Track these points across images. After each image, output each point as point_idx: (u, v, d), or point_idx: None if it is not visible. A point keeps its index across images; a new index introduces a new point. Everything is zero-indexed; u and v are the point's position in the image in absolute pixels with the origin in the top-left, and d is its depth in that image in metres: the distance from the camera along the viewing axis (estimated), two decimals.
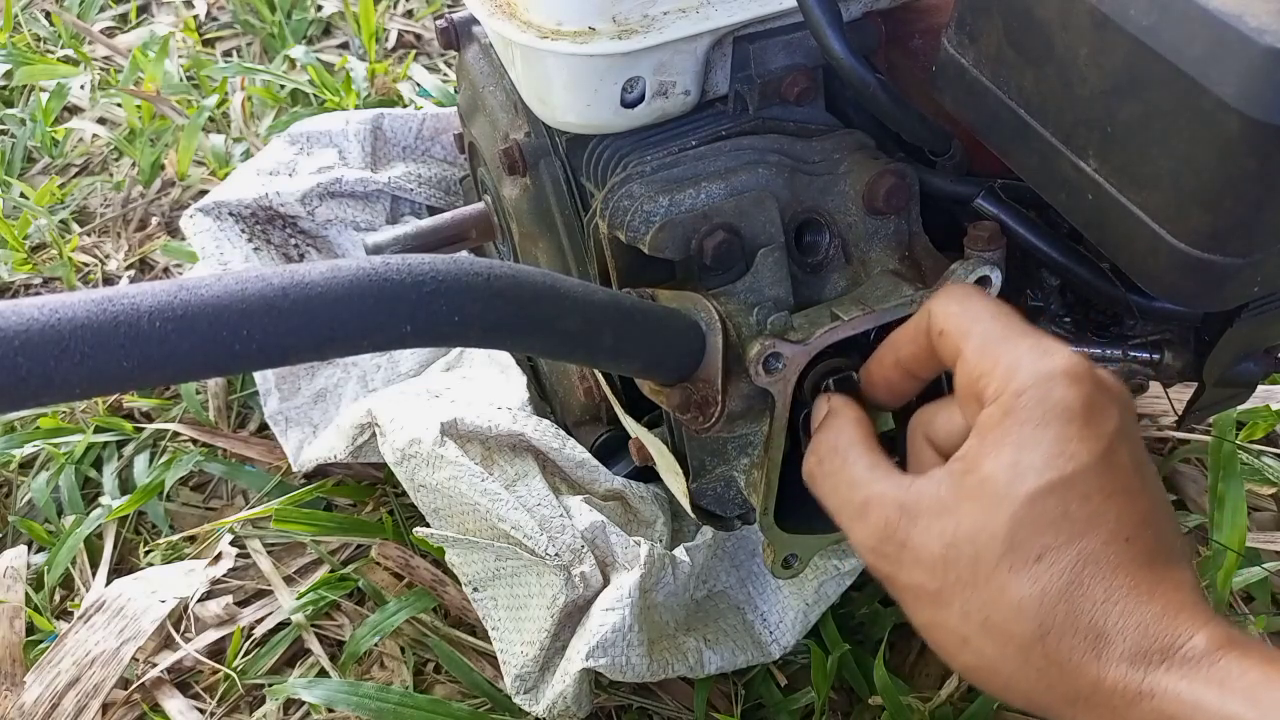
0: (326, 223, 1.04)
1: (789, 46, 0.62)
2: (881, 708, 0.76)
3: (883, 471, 0.47)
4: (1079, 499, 0.41)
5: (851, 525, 0.47)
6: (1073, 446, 0.41)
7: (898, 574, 0.45)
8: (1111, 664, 0.39)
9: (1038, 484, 0.41)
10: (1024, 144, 0.51)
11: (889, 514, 0.45)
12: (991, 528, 0.41)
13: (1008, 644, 0.41)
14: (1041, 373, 0.42)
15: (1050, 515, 0.41)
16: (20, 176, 1.31)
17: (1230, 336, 0.59)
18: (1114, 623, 0.39)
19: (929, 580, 0.43)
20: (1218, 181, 0.42)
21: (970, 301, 0.47)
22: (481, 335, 0.45)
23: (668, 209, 0.57)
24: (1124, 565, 0.40)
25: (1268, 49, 0.38)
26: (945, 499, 0.43)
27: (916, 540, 0.44)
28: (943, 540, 0.43)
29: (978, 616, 0.42)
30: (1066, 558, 0.40)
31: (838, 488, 0.49)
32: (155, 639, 0.84)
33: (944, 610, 0.43)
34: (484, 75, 0.77)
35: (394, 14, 1.53)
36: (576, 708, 0.72)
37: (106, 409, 1.02)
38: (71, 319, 0.36)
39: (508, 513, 0.74)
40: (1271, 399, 0.94)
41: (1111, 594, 0.40)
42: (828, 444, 0.50)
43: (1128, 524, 0.41)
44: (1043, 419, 0.41)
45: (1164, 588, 0.40)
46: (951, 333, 0.46)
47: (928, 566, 0.43)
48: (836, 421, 0.51)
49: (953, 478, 0.43)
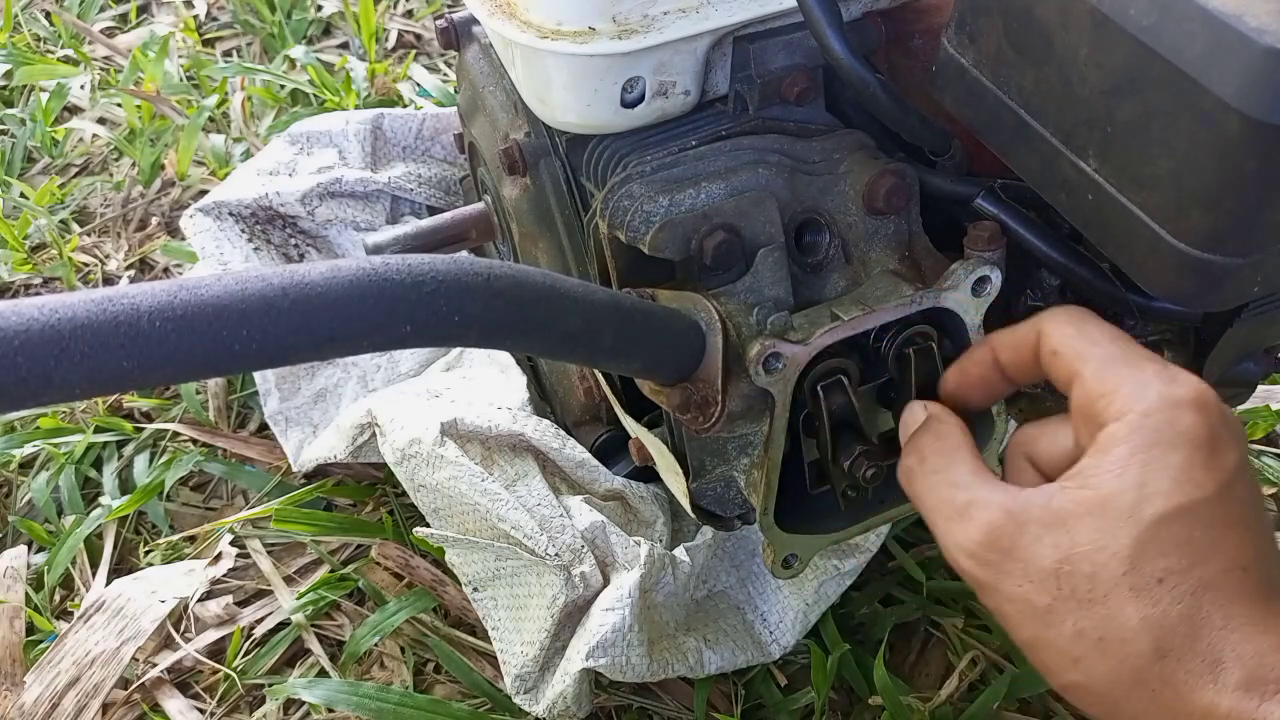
0: (326, 223, 1.04)
1: (789, 46, 0.62)
2: (881, 708, 0.76)
3: (989, 479, 0.47)
4: (1202, 526, 0.40)
5: (949, 527, 0.46)
6: (1198, 474, 0.41)
7: (1000, 583, 0.44)
8: (1227, 691, 0.39)
9: (1165, 507, 0.40)
10: (1024, 144, 0.51)
11: (994, 518, 0.44)
12: (1113, 546, 0.41)
13: (1123, 665, 0.40)
14: (1170, 397, 0.42)
15: (1175, 539, 0.40)
16: (20, 176, 1.31)
17: (1230, 336, 0.59)
18: (1231, 650, 0.39)
19: (1037, 594, 0.42)
20: (1218, 181, 0.42)
21: (1086, 325, 0.46)
22: (481, 335, 0.45)
23: (668, 209, 0.57)
24: (1242, 595, 0.40)
25: (1268, 49, 0.38)
26: (1059, 512, 0.42)
27: (1025, 550, 0.43)
28: (1057, 553, 0.42)
29: (1093, 635, 0.41)
30: (1188, 582, 0.40)
31: (937, 487, 0.48)
32: (155, 639, 0.84)
33: (1054, 627, 0.42)
34: (484, 75, 0.77)
35: (394, 14, 1.53)
36: (576, 708, 0.72)
37: (106, 409, 1.03)
38: (71, 319, 0.36)
39: (508, 513, 0.74)
40: (1271, 399, 0.94)
41: (1229, 621, 0.39)
42: (931, 445, 0.50)
43: (1246, 555, 0.41)
44: (1171, 443, 0.41)
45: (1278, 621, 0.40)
46: (1067, 354, 0.46)
47: (1037, 579, 0.42)
48: (940, 426, 0.51)
49: (1069, 491, 0.43)
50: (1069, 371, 0.46)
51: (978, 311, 0.56)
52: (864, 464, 0.57)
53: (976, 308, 0.55)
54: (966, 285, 0.55)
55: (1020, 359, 0.49)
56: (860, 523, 0.61)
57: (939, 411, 0.52)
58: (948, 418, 0.51)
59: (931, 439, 0.50)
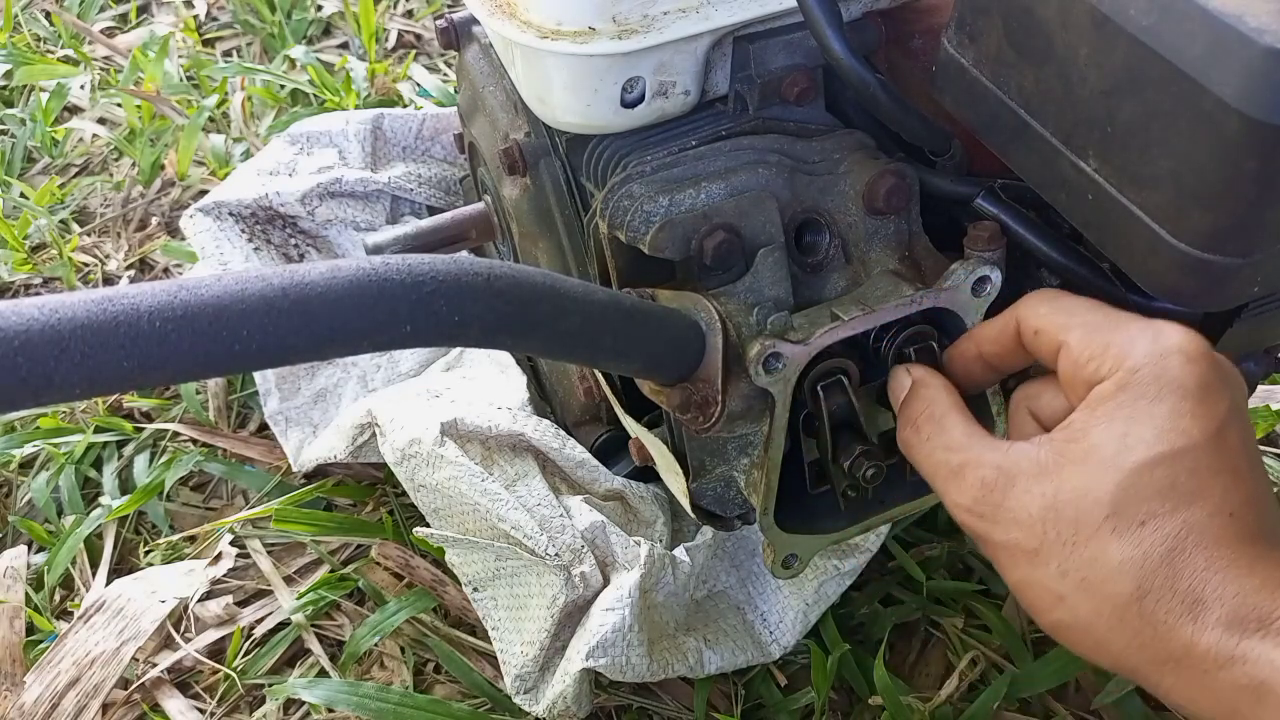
0: (326, 223, 1.04)
1: (789, 46, 0.62)
2: (881, 708, 0.76)
3: (979, 436, 0.49)
4: (1187, 472, 0.42)
5: (946, 486, 0.49)
6: (1185, 423, 0.42)
7: (992, 532, 0.46)
8: (1206, 629, 0.39)
9: (1147, 455, 0.42)
10: (1024, 144, 0.51)
11: (985, 474, 0.46)
12: (1096, 492, 0.42)
13: (1104, 603, 0.42)
14: (1157, 350, 0.43)
15: (1158, 484, 0.42)
16: (20, 176, 1.31)
17: (1230, 336, 0.59)
18: (1212, 590, 0.40)
19: (1026, 538, 0.44)
20: (1218, 181, 0.42)
21: (1061, 299, 0.48)
22: (481, 335, 0.45)
23: (668, 209, 0.57)
24: (1227, 539, 0.41)
25: (1268, 49, 0.38)
26: (1046, 463, 0.44)
27: (1014, 500, 0.45)
28: (1043, 501, 0.44)
29: (1075, 575, 0.43)
30: (1171, 524, 0.41)
31: (933, 452, 0.50)
32: (155, 639, 0.84)
33: (1040, 568, 0.44)
34: (484, 75, 0.77)
35: (394, 14, 1.53)
36: (576, 708, 0.72)
37: (106, 409, 1.03)
38: (71, 319, 0.36)
39: (508, 513, 0.74)
40: (1271, 399, 0.94)
41: (1212, 563, 0.40)
42: (922, 412, 0.52)
43: (1233, 501, 0.42)
44: (1157, 394, 0.42)
45: (1264, 565, 0.41)
46: (1049, 329, 0.47)
47: (1025, 525, 0.44)
48: (927, 391, 0.52)
49: (1055, 444, 0.45)
50: (1053, 345, 0.47)
51: (978, 311, 0.56)
52: (864, 464, 0.57)
53: (976, 308, 0.55)
54: (966, 285, 0.55)
55: (1003, 348, 0.51)
56: (860, 523, 0.62)
57: (923, 375, 0.53)
58: (932, 380, 0.53)
59: (920, 405, 0.52)
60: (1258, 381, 0.65)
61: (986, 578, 0.84)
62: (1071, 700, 0.79)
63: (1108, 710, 0.77)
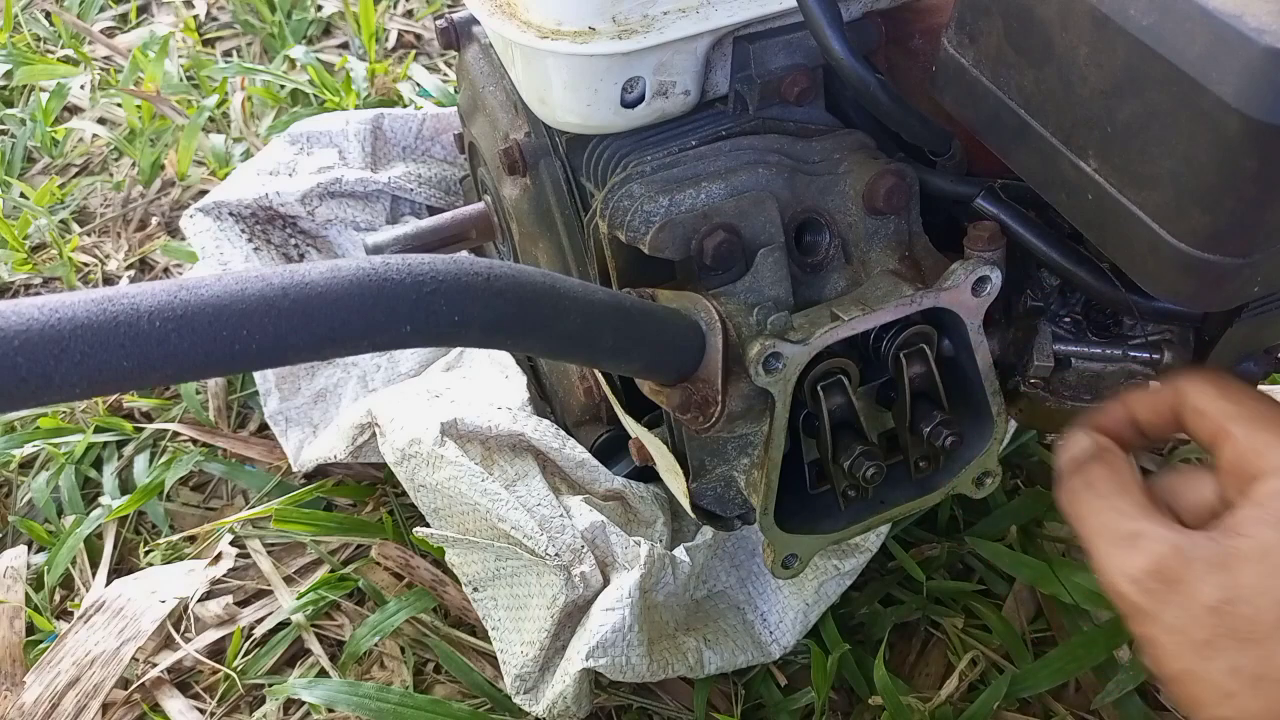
0: (326, 223, 1.04)
1: (789, 46, 0.62)
2: (881, 708, 0.76)
3: (1159, 515, 0.48)
4: None
5: (1112, 551, 0.48)
6: None
7: (1160, 612, 0.45)
8: None
9: None
10: (1024, 144, 0.51)
11: (1163, 550, 0.46)
12: (1274, 593, 0.43)
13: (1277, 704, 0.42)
14: None
15: None
16: (20, 176, 1.31)
17: (1230, 336, 0.59)
18: None
19: (1195, 628, 0.44)
20: (1218, 181, 0.42)
21: (1229, 384, 0.49)
22: (481, 335, 0.45)
23: (668, 209, 0.57)
24: None
25: (1267, 49, 0.37)
26: (1223, 556, 0.44)
27: (1190, 585, 0.44)
28: (1220, 592, 0.44)
29: (1248, 673, 0.43)
30: None
31: (1104, 512, 0.50)
32: (155, 639, 0.84)
33: (1210, 662, 0.44)
34: (484, 75, 0.77)
35: (394, 14, 1.53)
36: (576, 708, 0.72)
37: (106, 409, 1.03)
38: (71, 319, 0.36)
39: (508, 513, 0.74)
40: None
41: None
42: (1103, 474, 0.51)
43: None
44: None
45: None
46: (1213, 414, 0.48)
47: (1197, 614, 0.44)
48: (1114, 459, 0.52)
49: (1230, 539, 0.45)
50: (1215, 429, 0.48)
51: (978, 311, 0.56)
52: (864, 464, 0.57)
53: (976, 307, 0.55)
54: (966, 285, 0.55)
55: (1159, 418, 0.52)
56: (860, 523, 0.61)
57: (1110, 444, 0.53)
58: (1119, 452, 0.53)
59: (1104, 469, 0.52)
60: (1258, 382, 0.65)
61: (986, 578, 0.84)
62: (1071, 700, 0.79)
63: (1108, 710, 0.77)
